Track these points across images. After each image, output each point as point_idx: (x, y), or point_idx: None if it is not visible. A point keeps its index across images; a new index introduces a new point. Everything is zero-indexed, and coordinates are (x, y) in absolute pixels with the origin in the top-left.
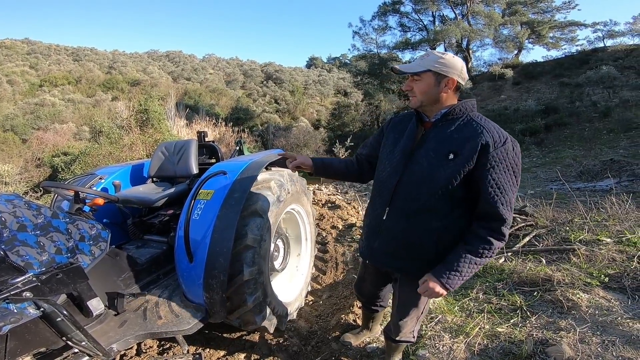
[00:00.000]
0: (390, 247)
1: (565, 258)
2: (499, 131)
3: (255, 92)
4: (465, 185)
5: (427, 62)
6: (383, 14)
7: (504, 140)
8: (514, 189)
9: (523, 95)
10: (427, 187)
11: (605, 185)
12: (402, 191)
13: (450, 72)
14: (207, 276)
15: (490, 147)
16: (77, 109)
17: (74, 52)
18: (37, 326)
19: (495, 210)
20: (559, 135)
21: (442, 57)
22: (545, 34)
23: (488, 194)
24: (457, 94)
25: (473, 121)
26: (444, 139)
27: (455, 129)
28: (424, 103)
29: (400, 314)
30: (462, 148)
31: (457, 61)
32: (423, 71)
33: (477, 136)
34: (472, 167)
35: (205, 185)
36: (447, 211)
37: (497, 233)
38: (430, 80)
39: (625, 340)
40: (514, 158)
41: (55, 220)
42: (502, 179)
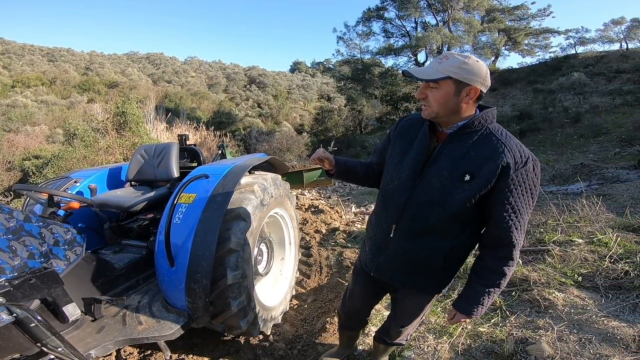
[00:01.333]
0: (397, 262)
1: (541, 258)
2: (521, 149)
3: (238, 96)
4: (478, 207)
5: (447, 67)
6: (367, 20)
7: (525, 160)
8: (530, 210)
9: (499, 101)
10: (437, 210)
11: (576, 189)
12: (411, 210)
13: (474, 79)
14: (189, 280)
15: (511, 169)
16: (50, 111)
17: (49, 52)
18: (10, 332)
19: (508, 235)
20: (533, 140)
21: (465, 61)
22: (520, 40)
23: (502, 218)
24: (477, 103)
25: (493, 136)
26: (460, 157)
27: (472, 144)
28: (440, 114)
29: (403, 321)
30: (480, 169)
31: (481, 66)
32: (442, 78)
33: (497, 156)
34: (488, 190)
35: (187, 189)
36: (457, 232)
37: (509, 260)
38: (450, 88)
39: (602, 338)
40: (534, 179)
41: (27, 224)
42: (519, 203)
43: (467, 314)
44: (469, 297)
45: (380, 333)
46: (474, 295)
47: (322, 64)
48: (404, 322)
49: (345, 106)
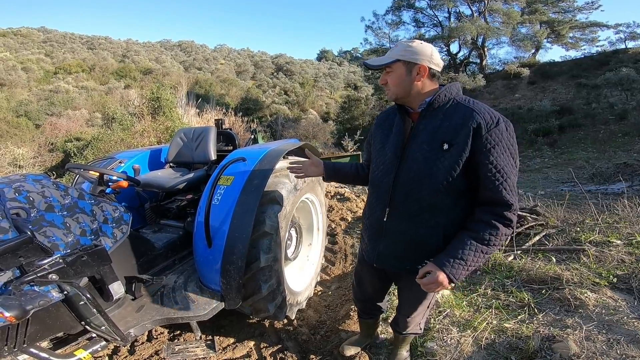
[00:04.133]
0: (397, 249)
1: (575, 258)
2: (490, 112)
3: (266, 84)
4: (465, 176)
5: (395, 52)
6: (397, 9)
7: (496, 121)
8: (514, 171)
9: (538, 95)
10: (426, 184)
11: (617, 189)
12: (400, 190)
13: (419, 58)
14: (225, 262)
15: (483, 129)
16: (90, 96)
17: (88, 40)
18: (58, 310)
19: (498, 195)
20: (573, 136)
21: (409, 44)
22: (565, 33)
23: (488, 179)
24: (434, 81)
25: (460, 104)
26: (435, 129)
27: (444, 116)
28: (400, 94)
29: (408, 310)
30: (456, 135)
31: (425, 47)
32: (392, 62)
33: (468, 119)
34: (468, 154)
35: (226, 171)
36: (451, 205)
37: (503, 218)
38: (401, 70)
39: (630, 339)
40: (509, 139)
41: (81, 201)
42: (500, 162)
43: (442, 268)
44: (452, 248)
45: (393, 324)
46: (458, 247)
47: (349, 52)
48: (408, 311)
49: (372, 95)
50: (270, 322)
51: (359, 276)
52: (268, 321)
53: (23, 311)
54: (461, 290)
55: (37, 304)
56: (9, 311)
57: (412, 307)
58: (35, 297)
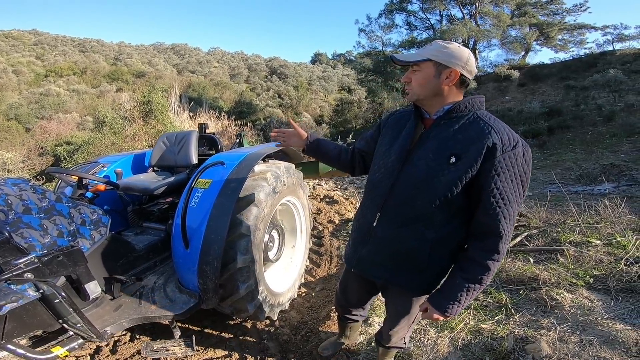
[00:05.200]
0: (379, 256)
1: (554, 258)
2: (510, 133)
3: (259, 87)
4: (465, 194)
5: (428, 50)
6: (390, 12)
7: (514, 144)
8: (520, 200)
9: (528, 96)
10: (423, 194)
11: (603, 189)
12: (396, 196)
13: (453, 62)
14: (201, 262)
15: (498, 151)
16: (81, 99)
17: (80, 43)
18: (35, 308)
19: (495, 224)
20: (562, 138)
21: (446, 45)
22: (554, 36)
23: (490, 204)
24: (461, 89)
25: (480, 120)
26: (446, 139)
27: (459, 128)
28: (421, 96)
29: (391, 324)
30: (466, 150)
31: (462, 51)
32: (422, 60)
33: (483, 137)
34: (475, 173)
35: (203, 175)
36: (444, 221)
37: (495, 253)
38: (430, 70)
39: (603, 340)
40: (524, 165)
41: (58, 204)
42: (507, 189)
43: (440, 310)
44: (447, 290)
45: (377, 336)
46: (453, 289)
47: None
48: (392, 324)
49: (365, 98)
50: (252, 322)
51: (345, 284)
52: (250, 322)
53: None
54: None
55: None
56: None
57: (395, 321)
58: (10, 294)
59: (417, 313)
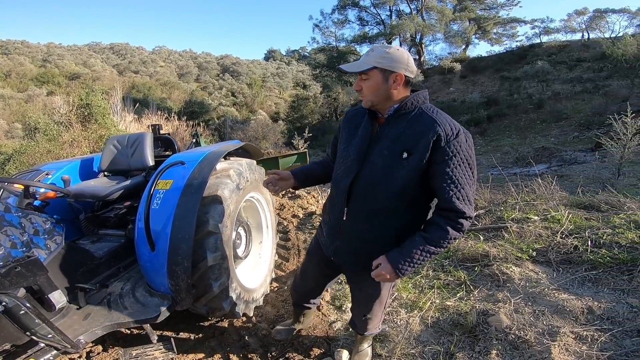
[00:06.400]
0: (352, 247)
1: (500, 235)
2: (451, 123)
3: (211, 85)
4: (421, 184)
5: (372, 58)
6: (343, 8)
7: (456, 132)
8: (471, 182)
9: (469, 88)
10: (383, 188)
11: (537, 170)
12: (358, 192)
13: (397, 66)
14: (170, 263)
15: (442, 141)
16: (7, 105)
17: (2, 45)
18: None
19: (452, 205)
20: (499, 125)
21: (387, 51)
22: (489, 29)
23: (444, 189)
24: (407, 88)
25: (425, 114)
26: (398, 136)
27: (407, 124)
28: (375, 102)
29: (364, 309)
30: (416, 145)
31: (402, 54)
32: (369, 69)
33: (429, 130)
34: (426, 164)
35: (163, 176)
36: (405, 210)
37: (455, 222)
38: (378, 77)
39: (553, 310)
40: (468, 150)
41: (7, 214)
42: (457, 173)
43: (393, 264)
44: (405, 247)
45: (351, 324)
46: (411, 246)
47: (297, 52)
48: (364, 309)
49: (320, 94)
50: (229, 320)
51: (305, 268)
52: (227, 320)
53: None
54: None
55: None
56: None
57: (366, 306)
58: None
59: (387, 297)
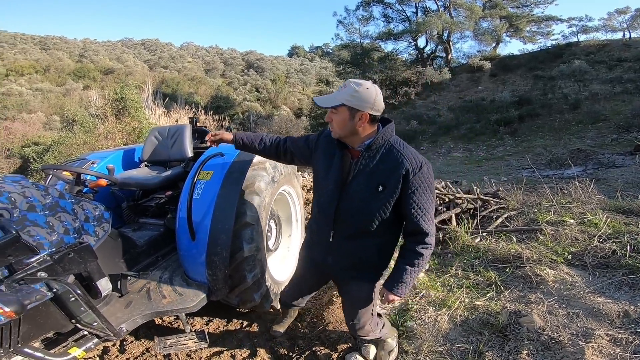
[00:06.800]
0: (342, 263)
1: (534, 237)
2: (415, 156)
3: (236, 81)
4: (394, 209)
5: (342, 95)
6: (367, 4)
7: (420, 165)
8: (432, 204)
9: (499, 86)
10: (362, 216)
11: (572, 173)
12: (341, 219)
13: (363, 105)
14: (209, 253)
15: (410, 175)
16: (46, 98)
17: (41, 40)
18: (48, 308)
19: (419, 227)
20: (531, 125)
21: (357, 89)
22: (522, 27)
23: (412, 215)
24: (373, 124)
25: (394, 148)
26: (372, 172)
27: (379, 159)
28: (342, 135)
29: (352, 314)
30: (389, 179)
31: (370, 94)
32: (338, 105)
33: (399, 166)
34: (398, 195)
35: (204, 167)
36: (383, 231)
37: (425, 244)
38: (346, 114)
39: (588, 313)
40: (429, 179)
41: (62, 200)
42: (422, 200)
43: (392, 292)
44: (394, 275)
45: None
46: (398, 273)
47: (321, 48)
48: (352, 315)
49: None
50: (257, 312)
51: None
52: (254, 312)
53: (21, 306)
54: (434, 272)
55: (34, 298)
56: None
57: (355, 308)
58: (31, 292)
59: (371, 304)
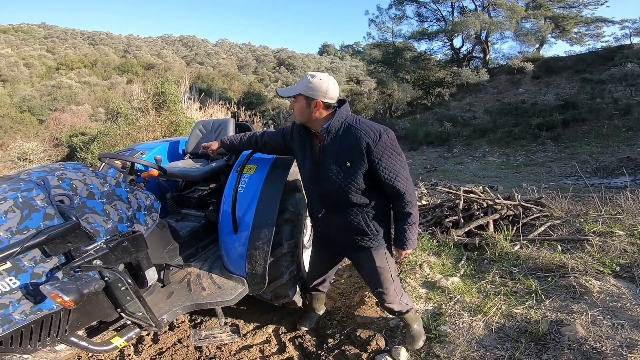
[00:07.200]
0: (340, 234)
1: (579, 247)
2: (372, 128)
3: (268, 78)
4: (369, 179)
5: (299, 86)
6: (400, 3)
7: (379, 135)
8: (403, 164)
9: (542, 89)
10: (342, 192)
11: (620, 182)
12: (326, 198)
13: (316, 94)
14: (250, 248)
15: (372, 146)
16: (93, 91)
17: (89, 36)
18: (97, 297)
19: (395, 188)
20: (577, 131)
21: (310, 80)
22: (570, 29)
23: (386, 179)
24: (329, 110)
25: (351, 127)
26: (337, 151)
27: (341, 139)
28: (303, 121)
29: (374, 284)
30: (353, 155)
31: (322, 84)
32: (296, 95)
33: (358, 141)
34: (367, 165)
35: (250, 161)
36: (367, 200)
37: (408, 203)
38: (303, 102)
39: (634, 324)
40: (392, 143)
41: (118, 189)
42: (390, 164)
43: (402, 248)
44: (398, 236)
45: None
46: (400, 233)
47: (351, 47)
48: (374, 284)
49: (375, 89)
50: (287, 308)
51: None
52: (285, 308)
53: (80, 295)
54: (470, 277)
55: (92, 287)
56: (68, 295)
57: (373, 281)
58: (91, 281)
59: (387, 265)
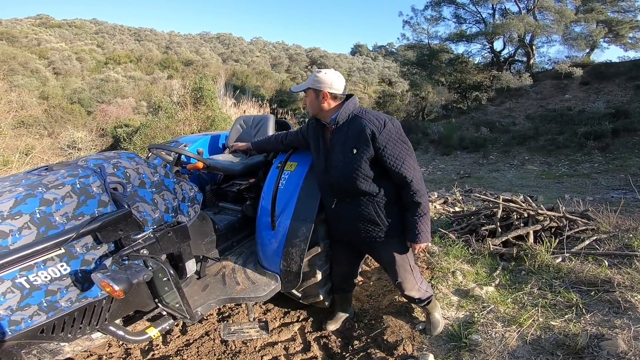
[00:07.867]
0: (351, 225)
1: (627, 263)
2: (377, 117)
3: (300, 76)
4: (376, 166)
5: (308, 81)
6: (437, 4)
7: (383, 123)
8: (409, 152)
9: (591, 96)
10: (350, 181)
11: None
12: (336, 187)
13: (322, 86)
14: (287, 245)
15: (377, 134)
16: (137, 86)
17: (135, 32)
18: (139, 286)
19: (401, 175)
20: (627, 141)
21: (317, 75)
22: (624, 34)
23: (392, 166)
24: (337, 100)
25: (356, 117)
26: (344, 139)
27: (348, 128)
28: (314, 113)
29: (393, 275)
30: (358, 142)
31: (327, 77)
32: (306, 89)
33: (363, 129)
34: (373, 154)
35: (290, 158)
36: (375, 188)
37: (416, 192)
38: (312, 95)
39: None
40: (397, 132)
41: (167, 179)
42: (395, 151)
43: (415, 241)
44: (409, 229)
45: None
46: (411, 226)
47: (384, 47)
48: (393, 275)
49: (407, 91)
50: (314, 307)
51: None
52: (312, 306)
53: (130, 285)
54: (506, 287)
55: (141, 277)
56: (118, 285)
57: (392, 271)
58: (140, 270)
59: (403, 257)
